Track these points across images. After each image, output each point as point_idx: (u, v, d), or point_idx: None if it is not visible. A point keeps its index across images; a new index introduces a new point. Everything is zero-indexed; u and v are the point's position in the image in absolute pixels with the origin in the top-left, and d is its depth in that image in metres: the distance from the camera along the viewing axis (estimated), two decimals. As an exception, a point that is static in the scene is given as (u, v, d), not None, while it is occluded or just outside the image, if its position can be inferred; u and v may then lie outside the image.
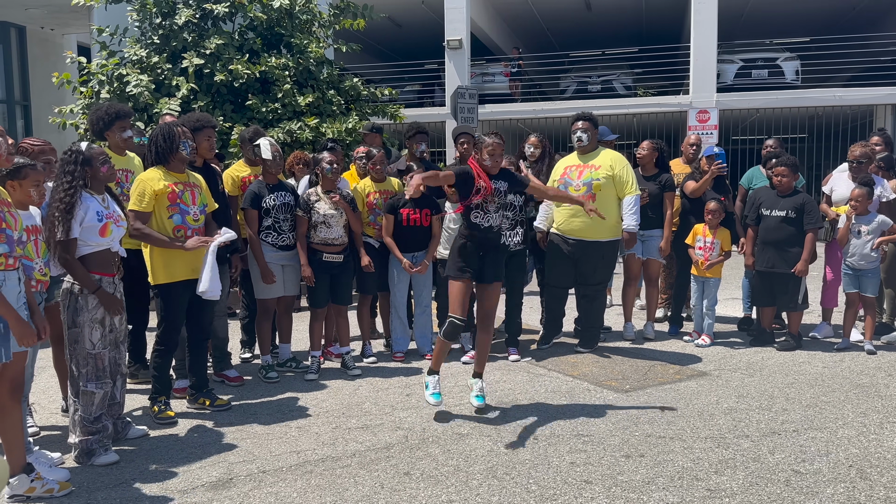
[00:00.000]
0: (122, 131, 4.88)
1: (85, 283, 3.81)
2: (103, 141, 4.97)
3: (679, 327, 6.71)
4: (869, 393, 4.79)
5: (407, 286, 5.97)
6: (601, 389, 5.00)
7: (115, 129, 4.86)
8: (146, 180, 4.40)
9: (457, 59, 15.89)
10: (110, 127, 4.85)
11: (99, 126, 4.87)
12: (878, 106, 15.21)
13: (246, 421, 4.52)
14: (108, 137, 4.90)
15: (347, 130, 9.07)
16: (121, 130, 4.88)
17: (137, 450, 4.06)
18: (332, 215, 5.43)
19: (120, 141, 4.91)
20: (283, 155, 5.54)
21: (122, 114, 4.88)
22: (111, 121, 4.84)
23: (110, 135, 4.89)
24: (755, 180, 6.85)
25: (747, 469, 3.60)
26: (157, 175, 4.43)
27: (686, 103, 15.41)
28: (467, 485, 3.49)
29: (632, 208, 5.74)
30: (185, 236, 4.46)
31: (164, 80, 8.90)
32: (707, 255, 6.17)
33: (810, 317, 6.92)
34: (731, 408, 4.55)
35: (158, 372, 4.59)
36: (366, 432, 4.26)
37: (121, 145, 4.95)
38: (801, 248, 5.87)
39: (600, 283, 5.97)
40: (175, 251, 4.40)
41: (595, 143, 5.93)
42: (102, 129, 4.88)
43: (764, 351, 5.98)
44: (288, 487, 3.52)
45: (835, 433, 4.07)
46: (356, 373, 5.54)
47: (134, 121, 6.90)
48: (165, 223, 4.42)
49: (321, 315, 5.61)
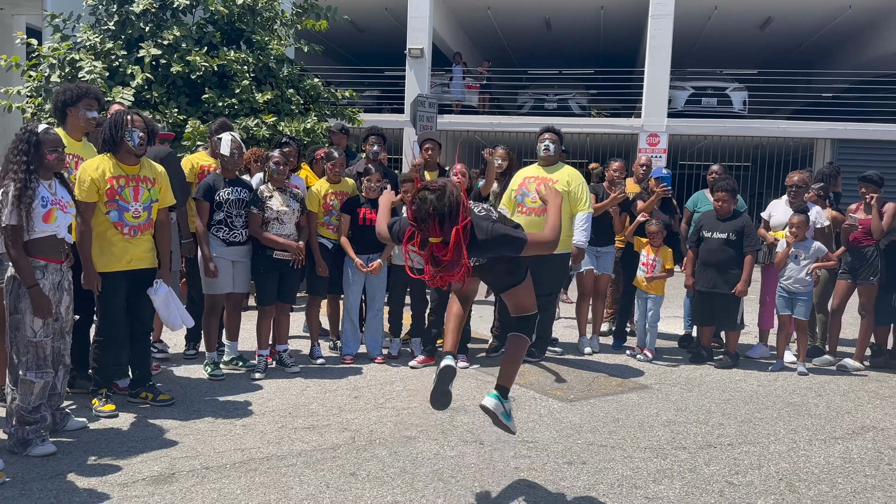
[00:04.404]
0: (87, 109, 4.54)
1: (24, 276, 3.68)
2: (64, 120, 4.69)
3: (623, 341, 6.89)
4: (800, 411, 5.01)
5: (361, 288, 5.97)
6: (546, 398, 5.10)
7: (81, 107, 4.53)
8: (86, 167, 4.31)
9: (417, 67, 15.98)
10: (76, 103, 4.52)
11: (63, 99, 4.53)
12: (819, 140, 15.91)
13: (189, 417, 4.45)
14: (70, 115, 4.57)
15: (305, 130, 9.02)
16: (86, 108, 4.54)
17: (76, 442, 3.95)
18: (284, 212, 5.41)
19: (82, 120, 4.58)
20: (243, 153, 5.49)
21: (92, 93, 4.58)
22: (78, 97, 4.51)
23: (73, 112, 4.54)
24: (700, 203, 7.11)
25: (684, 479, 3.73)
26: (100, 164, 4.33)
27: (638, 126, 15.83)
28: (413, 486, 3.51)
29: (583, 224, 5.88)
30: (123, 233, 4.37)
31: (119, 69, 8.71)
32: (650, 272, 6.37)
33: (747, 337, 7.19)
34: (670, 420, 4.70)
35: (99, 364, 4.48)
36: (312, 432, 4.24)
37: (80, 126, 4.63)
38: (741, 269, 6.11)
39: (550, 294, 6.09)
40: (114, 241, 4.31)
41: (558, 157, 6.07)
42: (66, 105, 4.53)
43: (702, 368, 6.19)
44: (231, 484, 3.48)
45: (767, 448, 4.24)
46: (295, 370, 5.52)
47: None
48: (103, 217, 4.33)
49: (269, 313, 5.57)
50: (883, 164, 14.22)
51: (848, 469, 3.93)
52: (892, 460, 4.08)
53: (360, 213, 5.79)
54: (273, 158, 5.45)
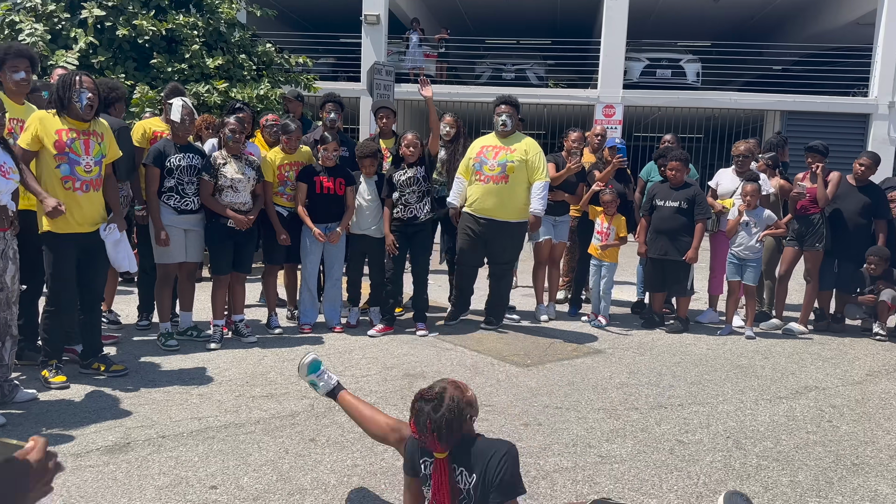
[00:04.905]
0: (13, 72, 4.37)
1: None
2: None
3: (578, 308, 7.02)
4: (747, 373, 5.19)
5: (318, 258, 5.92)
6: (504, 364, 5.17)
7: (7, 69, 4.37)
8: (35, 117, 4.20)
9: (374, 34, 15.73)
10: (1, 67, 4.38)
11: None
12: (768, 111, 16.27)
13: (144, 387, 4.39)
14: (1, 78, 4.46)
15: (258, 97, 8.84)
16: (12, 71, 4.36)
17: (26, 413, 3.87)
18: (239, 180, 5.31)
19: (12, 84, 4.43)
20: (194, 119, 5.35)
21: (16, 52, 4.37)
22: (2, 59, 4.35)
23: (1, 75, 4.42)
24: (653, 173, 7.24)
25: (636, 438, 3.84)
26: (49, 116, 4.22)
27: (594, 97, 15.93)
28: (372, 451, 3.54)
29: (540, 193, 5.92)
30: (75, 188, 4.26)
31: (62, 31, 8.37)
32: (604, 241, 6.47)
33: (697, 303, 7.39)
34: (623, 383, 4.82)
35: (48, 335, 4.37)
36: (270, 400, 4.23)
37: (13, 89, 4.47)
38: (692, 237, 6.25)
39: (508, 262, 6.15)
40: (65, 199, 4.19)
41: (515, 128, 6.07)
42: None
43: (654, 332, 6.34)
44: (189, 452, 3.46)
45: (715, 408, 4.39)
46: (251, 340, 5.48)
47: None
48: (53, 173, 4.20)
49: (224, 283, 5.49)
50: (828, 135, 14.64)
51: (791, 426, 4.10)
52: (833, 417, 4.27)
53: (317, 182, 5.72)
54: (229, 125, 5.33)
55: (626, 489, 3.21)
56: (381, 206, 5.92)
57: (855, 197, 6.50)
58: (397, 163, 5.92)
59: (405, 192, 5.77)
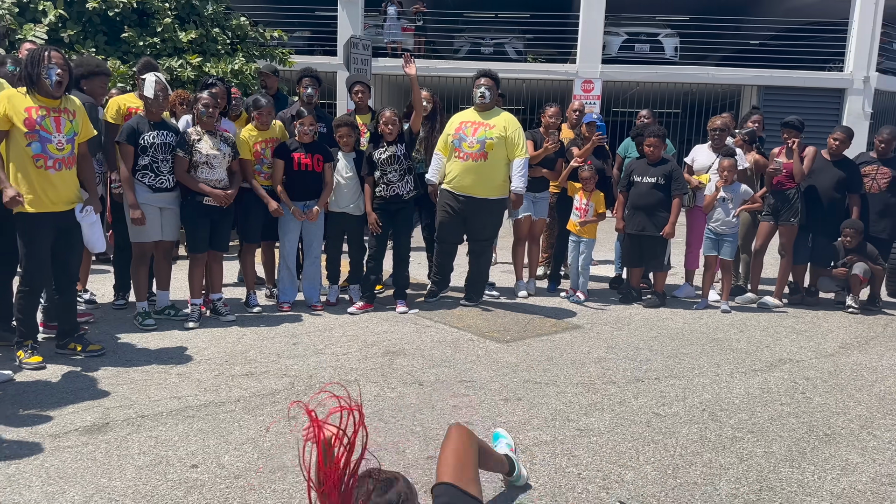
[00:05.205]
0: None
1: None
2: None
3: (557, 284, 7.06)
4: (722, 346, 5.27)
5: (297, 236, 5.88)
6: (484, 340, 5.20)
7: None
8: (3, 96, 4.11)
9: (350, 7, 15.49)
10: None
11: None
12: (746, 86, 16.34)
13: (122, 367, 4.35)
14: None
15: (233, 72, 8.70)
16: None
17: (2, 395, 3.82)
18: (214, 156, 5.24)
19: None
20: (168, 95, 5.25)
21: None
22: None
23: None
24: (630, 149, 7.25)
25: (613, 411, 3.90)
26: (16, 93, 4.12)
27: (573, 72, 15.87)
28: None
29: (520, 170, 5.91)
30: (47, 167, 4.18)
31: (30, 4, 8.14)
32: (583, 217, 6.50)
33: (673, 278, 7.47)
34: (601, 357, 4.87)
35: (23, 315, 4.32)
36: (250, 379, 4.22)
37: None
38: (669, 212, 6.30)
39: (487, 239, 6.15)
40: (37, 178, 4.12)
41: (494, 102, 6.03)
42: None
43: (632, 307, 6.41)
44: (169, 431, 3.45)
45: (691, 381, 4.46)
46: (230, 319, 5.45)
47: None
48: (24, 151, 4.12)
49: (201, 261, 5.44)
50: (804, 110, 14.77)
51: (766, 398, 4.18)
52: (806, 389, 4.37)
53: (294, 159, 5.66)
54: (202, 100, 5.24)
55: (603, 462, 3.26)
56: (360, 184, 5.88)
57: (830, 172, 6.58)
58: (376, 141, 5.87)
59: (387, 170, 5.73)
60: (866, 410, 4.03)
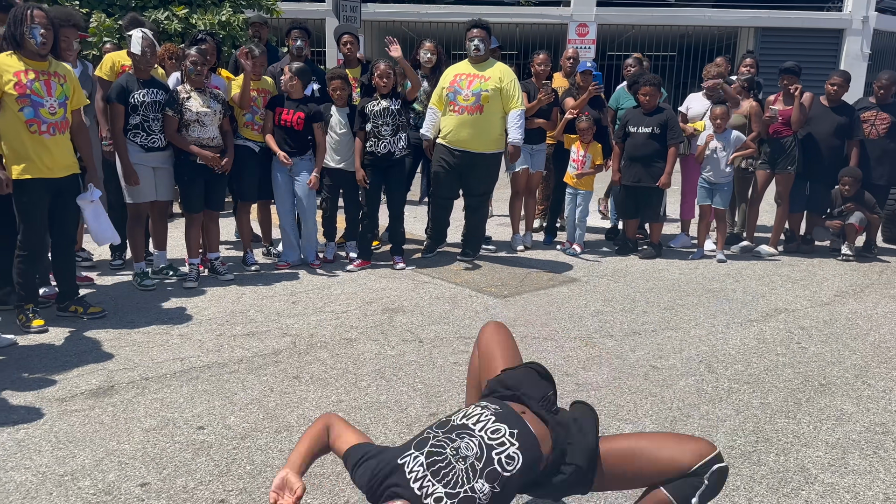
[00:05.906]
0: None
1: None
2: None
3: (553, 237, 7.07)
4: (718, 297, 5.32)
5: (291, 195, 5.80)
6: (482, 295, 5.24)
7: None
8: None
9: (338, -48, 15.03)
10: None
11: None
12: (742, 28, 16.08)
13: (124, 328, 4.38)
14: None
15: (220, 23, 8.50)
16: None
17: (7, 359, 3.85)
18: (205, 113, 5.16)
19: None
20: (156, 50, 5.14)
21: None
22: None
23: None
24: (622, 100, 7.12)
25: (611, 365, 3.96)
26: (5, 57, 4.03)
27: (567, 16, 15.57)
28: (356, 385, 3.61)
29: (517, 122, 5.83)
30: (41, 132, 4.12)
31: (6, -46, 7.86)
32: (580, 169, 6.46)
33: (669, 228, 7.48)
34: (598, 310, 4.92)
35: (23, 279, 4.31)
36: (252, 339, 4.25)
37: None
38: (665, 162, 6.26)
39: (484, 194, 6.12)
40: (31, 144, 4.07)
41: (488, 54, 5.92)
42: None
43: (628, 259, 6.44)
44: (174, 393, 3.49)
45: (688, 332, 4.52)
46: (229, 278, 5.46)
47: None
48: (16, 116, 4.05)
49: (197, 221, 5.42)
50: (802, 53, 14.57)
51: (761, 349, 4.24)
52: (801, 339, 4.43)
53: (276, 113, 5.58)
54: (190, 57, 5.12)
55: (602, 415, 3.32)
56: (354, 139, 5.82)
57: (828, 118, 6.53)
58: (369, 93, 5.77)
59: (378, 123, 5.64)
60: (861, 359, 4.10)
